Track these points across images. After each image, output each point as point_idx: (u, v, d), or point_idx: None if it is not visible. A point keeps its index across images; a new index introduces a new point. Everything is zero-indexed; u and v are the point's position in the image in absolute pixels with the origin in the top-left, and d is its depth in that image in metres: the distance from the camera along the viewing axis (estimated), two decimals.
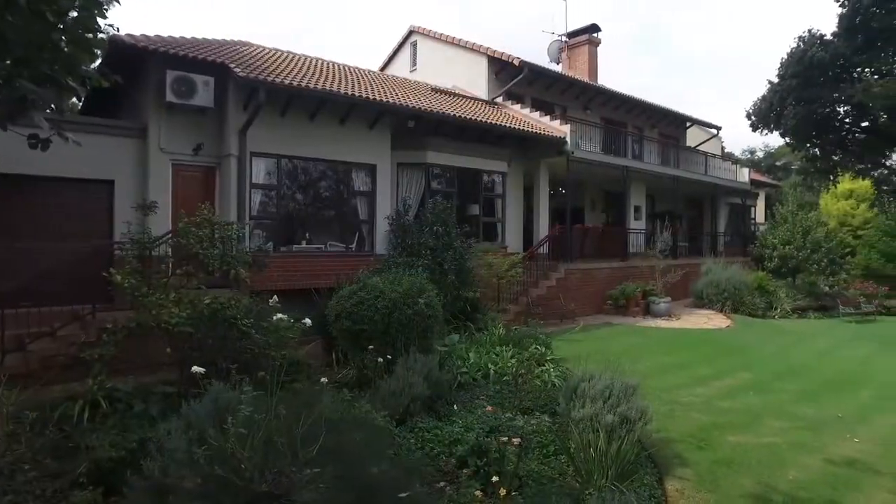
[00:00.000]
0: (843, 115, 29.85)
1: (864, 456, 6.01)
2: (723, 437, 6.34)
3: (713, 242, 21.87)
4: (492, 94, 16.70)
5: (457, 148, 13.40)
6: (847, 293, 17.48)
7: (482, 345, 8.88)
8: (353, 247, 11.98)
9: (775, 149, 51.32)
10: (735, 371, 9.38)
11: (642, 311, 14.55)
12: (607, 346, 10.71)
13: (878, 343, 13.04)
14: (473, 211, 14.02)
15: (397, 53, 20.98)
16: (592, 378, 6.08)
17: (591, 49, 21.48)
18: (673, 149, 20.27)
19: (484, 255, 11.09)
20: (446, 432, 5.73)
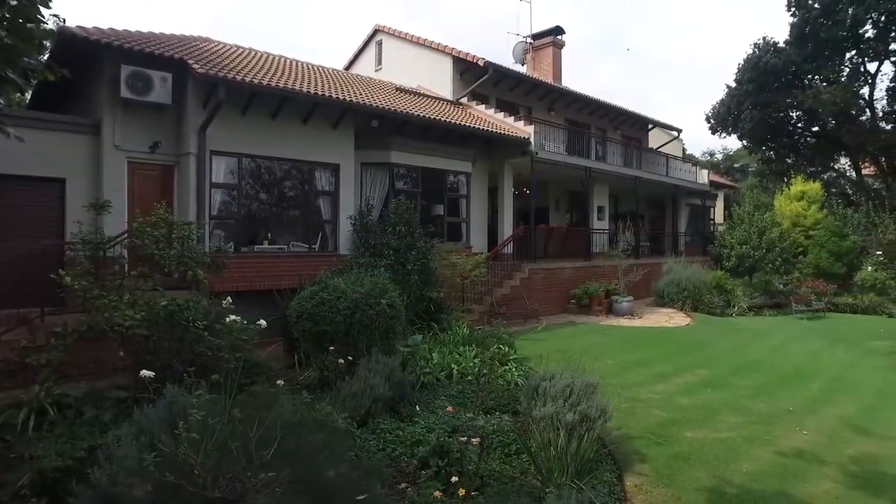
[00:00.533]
0: (796, 119, 30.91)
1: (811, 447, 6.23)
2: (681, 432, 6.48)
3: (674, 242, 22.37)
4: (457, 94, 16.73)
5: (421, 148, 13.38)
6: (799, 291, 18.09)
7: (446, 345, 8.89)
8: (317, 247, 11.84)
9: (734, 151, 52.85)
10: (694, 368, 9.61)
11: (605, 310, 14.77)
12: (570, 345, 10.84)
13: (827, 339, 13.53)
14: (438, 211, 14.02)
15: (362, 52, 20.84)
16: (553, 377, 6.15)
17: (556, 51, 21.72)
18: (635, 150, 20.66)
19: (448, 255, 11.10)
20: (408, 433, 5.71)
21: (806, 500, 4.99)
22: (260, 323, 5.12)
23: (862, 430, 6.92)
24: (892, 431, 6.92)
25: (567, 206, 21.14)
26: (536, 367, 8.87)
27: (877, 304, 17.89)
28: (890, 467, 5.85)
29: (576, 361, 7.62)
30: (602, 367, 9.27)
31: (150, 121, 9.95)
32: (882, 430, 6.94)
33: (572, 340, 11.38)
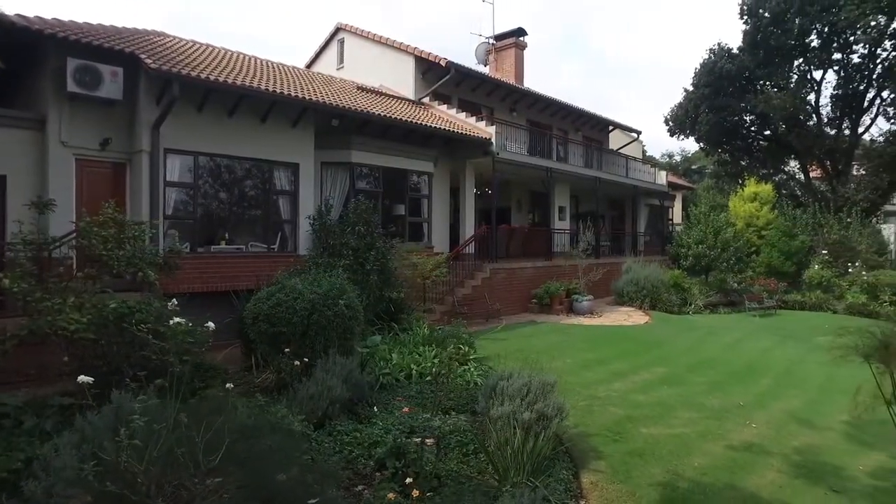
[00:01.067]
0: (750, 123, 31.90)
1: (759, 440, 6.45)
2: (637, 429, 6.61)
3: (634, 242, 22.82)
4: (419, 94, 16.70)
5: (383, 147, 13.31)
6: (752, 289, 18.69)
7: (405, 345, 8.86)
8: (276, 247, 11.66)
9: (691, 153, 54.27)
10: (651, 365, 9.82)
11: (566, 310, 14.97)
12: (531, 344, 10.95)
13: (778, 335, 14.02)
14: (400, 211, 13.98)
15: (324, 51, 20.62)
16: (511, 376, 6.21)
17: (518, 52, 21.89)
18: (596, 151, 21.00)
19: (409, 255, 11.07)
20: (366, 434, 5.67)
21: (752, 491, 5.15)
22: (208, 325, 5.00)
23: (806, 422, 7.20)
24: (832, 423, 7.22)
25: (529, 206, 21.34)
26: (496, 367, 8.94)
27: (823, 300, 18.61)
28: (829, 457, 6.10)
29: (535, 360, 7.74)
30: (561, 365, 9.40)
31: (100, 116, 9.62)
32: (823, 422, 7.24)
33: (533, 339, 11.49)
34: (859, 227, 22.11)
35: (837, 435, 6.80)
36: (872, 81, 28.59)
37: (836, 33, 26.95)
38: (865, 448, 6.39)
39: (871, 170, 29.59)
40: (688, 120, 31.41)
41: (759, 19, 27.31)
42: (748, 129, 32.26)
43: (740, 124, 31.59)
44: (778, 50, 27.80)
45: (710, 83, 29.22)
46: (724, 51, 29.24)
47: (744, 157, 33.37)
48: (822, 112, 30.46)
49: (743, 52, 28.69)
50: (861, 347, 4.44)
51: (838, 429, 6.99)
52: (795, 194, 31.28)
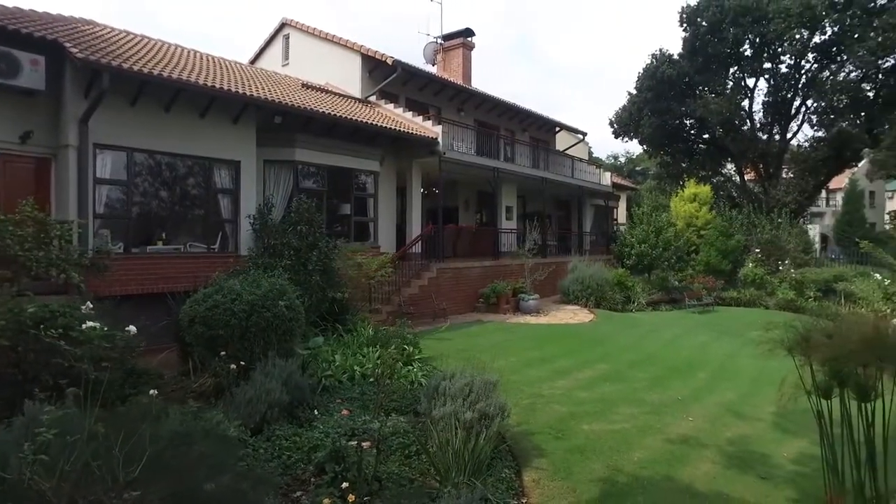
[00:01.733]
0: (690, 127, 33.19)
1: (695, 433, 6.64)
2: (579, 425, 6.69)
3: (580, 241, 23.28)
4: (365, 92, 16.51)
5: (328, 146, 13.08)
6: (692, 287, 19.37)
7: (349, 346, 8.72)
8: (216, 247, 11.26)
9: (635, 155, 55.92)
10: (594, 363, 9.99)
11: (512, 309, 15.10)
12: (476, 343, 10.97)
13: (715, 331, 14.57)
14: (345, 210, 13.77)
15: (269, 46, 20.12)
16: (454, 376, 6.18)
17: (466, 52, 21.98)
18: (543, 152, 21.29)
19: (354, 255, 10.91)
20: (305, 438, 5.53)
21: (688, 482, 5.29)
22: (129, 329, 4.74)
23: (738, 414, 7.47)
24: (762, 413, 7.51)
25: (477, 206, 21.46)
26: (441, 367, 8.90)
27: (756, 297, 19.49)
28: (758, 446, 6.34)
29: (480, 359, 7.73)
30: (506, 364, 9.45)
31: (19, 108, 9.01)
32: (754, 413, 7.53)
33: (479, 339, 11.53)
34: (788, 228, 23.29)
35: (766, 425, 7.08)
36: (798, 91, 30.25)
37: (766, 44, 28.39)
38: (789, 436, 6.67)
39: (798, 173, 31.31)
40: (631, 122, 32.38)
41: (697, 27, 28.43)
42: (688, 132, 33.54)
43: (681, 128, 32.81)
44: (715, 57, 29.03)
45: (652, 87, 30.21)
46: (665, 56, 30.29)
47: (684, 159, 34.66)
48: (756, 118, 32.06)
49: (683, 58, 29.81)
50: (785, 341, 4.62)
51: (767, 419, 7.28)
52: (732, 195, 32.73)
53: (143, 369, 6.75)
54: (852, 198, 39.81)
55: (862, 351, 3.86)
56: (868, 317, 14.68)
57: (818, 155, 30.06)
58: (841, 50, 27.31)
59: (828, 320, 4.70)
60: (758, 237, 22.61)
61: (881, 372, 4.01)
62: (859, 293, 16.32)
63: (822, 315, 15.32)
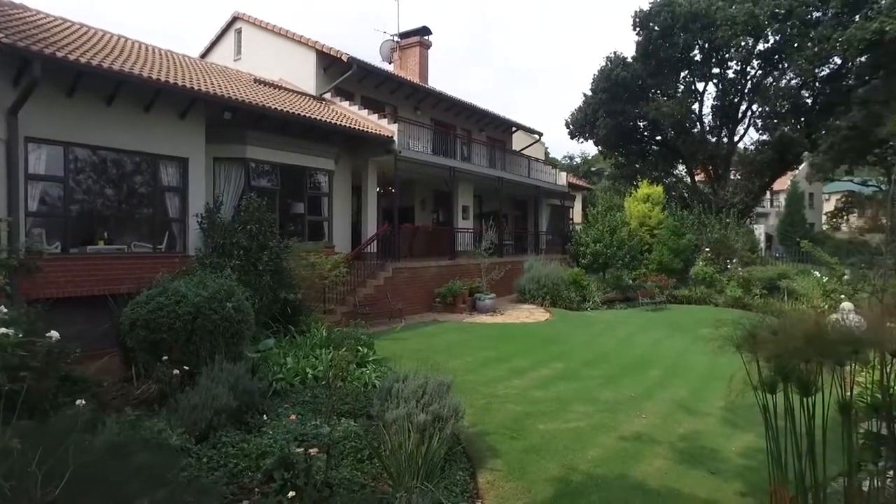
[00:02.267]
0: (643, 129, 33.97)
1: (648, 429, 6.73)
2: (534, 425, 6.68)
3: (536, 241, 23.48)
4: (320, 89, 16.21)
5: (281, 143, 12.76)
6: (646, 285, 19.79)
7: (302, 348, 8.49)
8: (163, 248, 10.81)
9: (591, 156, 56.92)
10: (550, 361, 10.03)
11: (469, 308, 15.08)
12: (432, 343, 10.89)
13: (667, 329, 14.91)
14: (299, 210, 13.46)
15: (220, 40, 19.53)
16: (407, 378, 6.07)
17: (422, 51, 21.86)
18: (499, 152, 21.37)
19: (307, 254, 10.65)
20: (254, 445, 5.31)
21: (641, 480, 5.33)
22: (51, 335, 4.44)
23: (690, 410, 7.61)
24: (712, 409, 7.69)
25: (433, 206, 21.38)
26: (396, 368, 8.78)
27: (706, 295, 20.06)
28: (708, 441, 6.47)
29: (435, 360, 7.67)
30: (462, 364, 9.40)
31: None
32: (704, 409, 7.69)
33: (435, 339, 11.44)
34: (736, 227, 24.08)
35: (715, 420, 7.24)
36: (745, 96, 31.38)
37: (714, 50, 29.35)
38: (737, 430, 6.83)
39: (744, 175, 32.48)
40: (587, 124, 32.93)
41: (650, 32, 29.12)
42: (642, 134, 34.34)
43: (635, 129, 33.55)
44: (666, 61, 29.81)
45: (607, 89, 30.77)
46: (619, 59, 30.91)
47: (638, 160, 35.48)
48: (705, 121, 33.11)
49: (636, 61, 30.49)
50: (734, 338, 4.70)
51: (716, 414, 7.45)
52: (683, 196, 33.67)
53: (80, 377, 6.39)
54: (794, 199, 41.56)
55: (804, 347, 3.95)
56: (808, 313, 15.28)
57: (763, 157, 31.24)
58: (782, 58, 28.46)
59: (773, 318, 4.79)
60: (708, 237, 23.29)
61: (821, 366, 4.12)
62: (801, 290, 16.97)
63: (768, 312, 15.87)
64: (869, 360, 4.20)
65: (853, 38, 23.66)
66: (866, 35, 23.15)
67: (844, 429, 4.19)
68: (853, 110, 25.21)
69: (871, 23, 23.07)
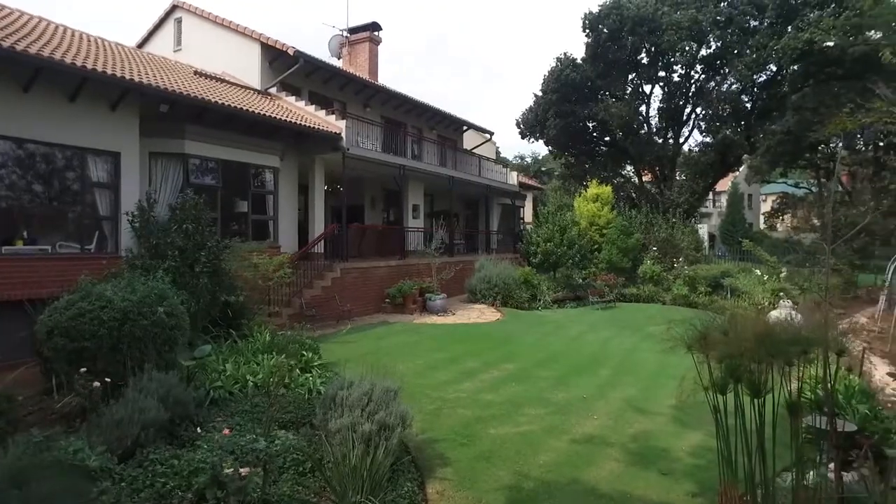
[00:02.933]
0: (592, 129, 34.46)
1: (600, 431, 6.65)
2: (485, 430, 6.51)
3: (487, 240, 23.43)
4: (265, 83, 15.62)
5: (223, 139, 12.18)
6: (595, 284, 20.02)
7: (242, 354, 8.05)
8: (92, 248, 10.12)
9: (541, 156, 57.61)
10: (501, 363, 9.89)
11: (419, 309, 14.83)
12: (382, 346, 10.60)
13: (617, 327, 15.05)
14: (242, 208, 12.90)
15: (158, 30, 18.59)
16: (352, 385, 5.77)
17: (372, 47, 21.47)
18: (450, 150, 21.21)
19: (250, 255, 10.17)
20: (185, 462, 4.89)
21: (593, 484, 5.22)
22: None
23: (640, 409, 7.59)
24: (662, 408, 7.70)
25: (384, 205, 21.04)
26: (343, 372, 8.46)
27: (654, 293, 20.47)
28: (658, 441, 6.44)
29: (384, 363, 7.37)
30: (411, 367, 9.15)
31: None
32: (655, 408, 7.69)
33: (384, 341, 11.16)
34: (682, 227, 24.70)
35: (666, 419, 7.23)
36: (689, 99, 32.28)
37: (660, 54, 30.03)
38: (687, 429, 6.84)
39: (689, 176, 33.43)
40: (537, 124, 33.17)
41: (599, 34, 29.52)
42: (591, 134, 34.84)
43: (584, 130, 34.00)
44: (615, 63, 30.31)
45: (557, 90, 31.03)
46: (569, 60, 31.21)
47: (587, 160, 36.00)
48: (652, 123, 33.85)
49: (586, 62, 30.85)
50: (686, 339, 4.65)
51: (667, 413, 7.45)
52: (631, 196, 34.37)
53: None
54: (734, 200, 43.11)
55: (755, 348, 3.90)
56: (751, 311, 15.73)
57: (706, 159, 32.22)
58: (724, 63, 29.40)
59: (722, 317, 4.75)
60: (655, 236, 23.79)
61: (771, 367, 4.09)
62: (743, 288, 17.49)
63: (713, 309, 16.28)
64: (813, 358, 4.22)
65: (787, 46, 24.64)
66: (798, 45, 24.14)
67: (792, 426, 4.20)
68: (787, 115, 26.26)
69: (803, 33, 24.07)
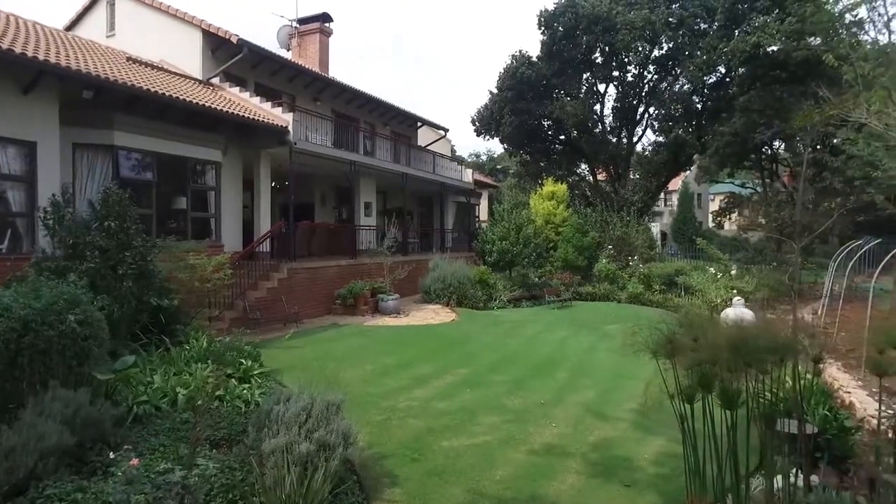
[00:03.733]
0: (547, 128, 34.49)
1: (559, 440, 6.28)
2: (438, 442, 6.05)
3: (442, 239, 22.99)
4: (207, 73, 14.71)
5: (158, 130, 11.32)
6: (551, 283, 19.81)
7: (175, 363, 7.35)
8: (4, 248, 9.17)
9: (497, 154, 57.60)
10: (455, 367, 9.42)
11: (371, 310, 14.25)
12: (330, 350, 10.00)
13: (573, 326, 14.82)
14: (181, 205, 12.05)
15: (89, 13, 17.33)
16: (290, 398, 5.20)
17: (323, 38, 20.69)
18: (404, 147, 20.68)
19: (185, 255, 9.40)
20: (92, 495, 4.24)
21: (553, 499, 4.89)
22: None
23: (600, 414, 7.26)
24: (622, 412, 7.41)
25: (335, 202, 20.33)
26: (286, 381, 7.86)
27: (610, 291, 20.42)
28: (620, 449, 6.12)
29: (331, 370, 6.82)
30: (360, 373, 8.61)
31: None
32: (615, 413, 7.39)
33: (333, 345, 10.56)
34: (636, 225, 24.83)
35: (626, 425, 6.93)
36: (642, 98, 32.67)
37: (614, 53, 30.24)
38: (649, 435, 6.55)
39: (643, 175, 33.85)
40: (493, 121, 32.95)
41: (554, 31, 29.49)
42: (546, 132, 34.86)
43: (539, 128, 33.99)
44: (570, 62, 30.36)
45: (512, 87, 30.87)
46: (524, 58, 31.06)
47: (543, 158, 36.01)
48: (606, 121, 34.12)
49: (541, 60, 30.79)
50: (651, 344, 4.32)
51: (627, 418, 7.16)
52: (586, 194, 34.55)
53: None
54: (685, 199, 44.07)
55: (730, 356, 3.56)
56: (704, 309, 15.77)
57: (659, 158, 32.69)
58: (675, 64, 29.86)
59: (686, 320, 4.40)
60: (610, 234, 23.83)
61: (746, 375, 3.77)
62: (696, 285, 17.59)
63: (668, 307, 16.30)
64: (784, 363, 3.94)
65: (736, 49, 25.16)
66: (747, 47, 24.69)
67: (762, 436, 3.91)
68: (734, 117, 26.80)
69: (751, 37, 24.62)
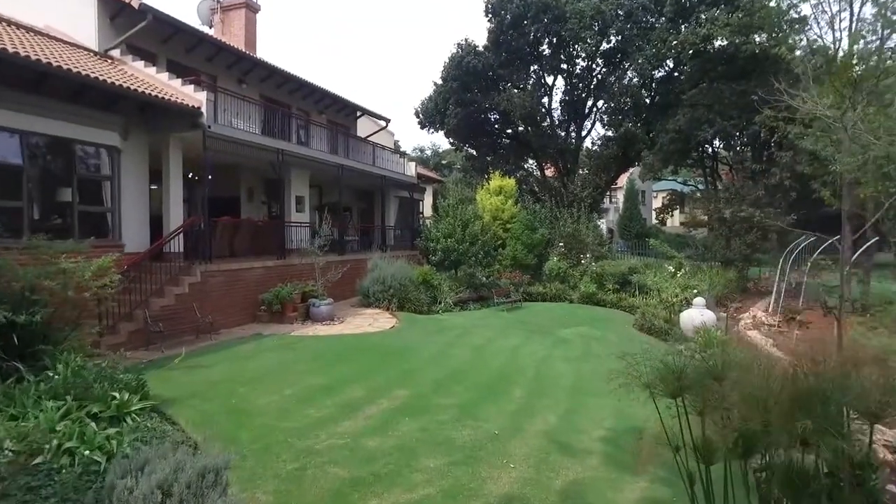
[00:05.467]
0: (494, 121, 33.43)
1: (520, 487, 5.01)
2: (365, 501, 4.65)
3: (382, 236, 21.46)
4: (105, 44, 12.61)
5: (31, 105, 9.34)
6: (500, 283, 18.61)
7: (20, 399, 5.61)
8: None
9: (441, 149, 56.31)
10: (392, 387, 7.93)
11: (301, 316, 12.59)
12: (244, 370, 8.36)
13: (525, 330, 13.66)
14: (65, 196, 10.07)
15: None
16: (146, 464, 3.67)
17: (249, 15, 18.72)
18: (342, 137, 19.03)
19: (57, 257, 7.57)
20: None
21: None
22: None
23: (565, 447, 6.03)
24: (590, 442, 6.25)
25: (265, 197, 18.45)
26: (180, 417, 6.25)
27: (561, 291, 19.45)
28: (595, 496, 4.94)
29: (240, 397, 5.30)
30: (276, 400, 7.05)
31: None
32: (582, 443, 6.20)
33: (249, 362, 8.91)
34: (586, 222, 24.00)
35: (598, 460, 5.73)
36: (591, 91, 32.06)
37: (562, 44, 29.44)
38: (626, 474, 5.41)
39: (592, 169, 33.25)
40: (437, 113, 31.61)
41: (501, 20, 28.38)
42: (493, 126, 33.83)
43: (486, 121, 32.90)
44: (518, 52, 29.36)
45: (458, 77, 29.60)
46: (470, 47, 29.80)
47: (489, 152, 34.97)
48: (555, 115, 33.35)
49: (488, 50, 29.61)
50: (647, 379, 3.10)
51: (598, 451, 5.97)
52: (534, 190, 33.71)
53: None
54: (630, 196, 44.14)
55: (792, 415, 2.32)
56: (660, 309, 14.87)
57: (609, 153, 32.17)
58: (625, 57, 29.31)
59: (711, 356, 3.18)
60: (560, 231, 22.88)
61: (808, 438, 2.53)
62: (653, 285, 16.79)
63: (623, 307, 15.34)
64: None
65: (685, 41, 24.77)
66: (696, 40, 24.35)
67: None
68: (679, 114, 26.42)
69: (701, 28, 24.27)
